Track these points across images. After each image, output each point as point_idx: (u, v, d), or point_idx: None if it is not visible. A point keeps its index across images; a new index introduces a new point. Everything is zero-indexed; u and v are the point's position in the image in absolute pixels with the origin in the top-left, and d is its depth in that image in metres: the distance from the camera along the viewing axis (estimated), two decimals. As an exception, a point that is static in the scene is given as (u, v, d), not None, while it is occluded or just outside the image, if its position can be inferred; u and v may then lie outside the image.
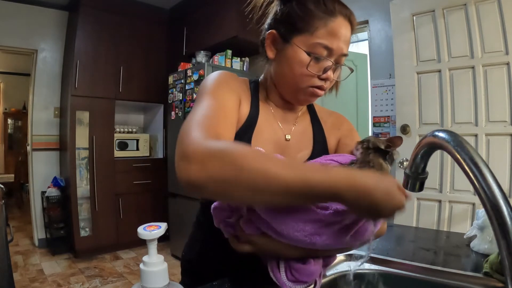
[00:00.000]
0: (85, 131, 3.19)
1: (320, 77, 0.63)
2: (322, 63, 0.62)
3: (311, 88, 0.64)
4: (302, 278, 0.53)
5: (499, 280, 0.60)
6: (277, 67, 0.68)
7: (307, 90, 0.65)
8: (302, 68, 0.62)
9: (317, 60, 0.61)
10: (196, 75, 2.85)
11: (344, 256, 0.75)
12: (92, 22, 3.23)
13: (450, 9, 1.86)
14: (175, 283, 0.48)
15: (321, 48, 0.61)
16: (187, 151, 0.44)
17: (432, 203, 1.94)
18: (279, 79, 0.68)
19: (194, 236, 0.79)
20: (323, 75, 0.63)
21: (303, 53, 0.61)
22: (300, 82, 0.64)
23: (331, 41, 0.61)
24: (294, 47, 0.62)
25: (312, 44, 0.61)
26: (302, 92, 0.65)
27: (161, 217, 3.45)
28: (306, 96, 0.66)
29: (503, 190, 0.39)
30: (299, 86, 0.64)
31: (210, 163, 0.42)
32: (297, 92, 0.66)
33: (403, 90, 2.05)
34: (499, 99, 1.73)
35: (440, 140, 0.48)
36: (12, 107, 6.38)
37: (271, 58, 0.68)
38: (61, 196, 3.23)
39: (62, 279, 2.62)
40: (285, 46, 0.64)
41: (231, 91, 0.64)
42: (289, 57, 0.63)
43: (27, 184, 4.17)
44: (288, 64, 0.64)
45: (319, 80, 0.63)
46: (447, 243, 0.89)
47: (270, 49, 0.67)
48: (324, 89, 0.65)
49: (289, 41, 0.63)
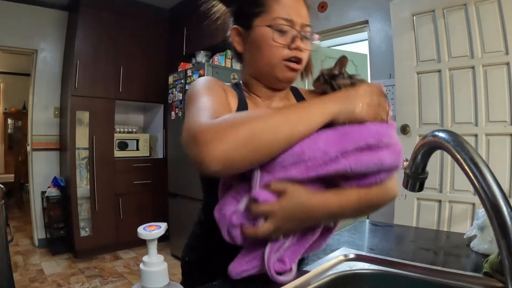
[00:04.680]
0: (85, 131, 3.19)
1: (290, 47, 0.65)
2: (287, 35, 0.65)
3: (285, 61, 0.66)
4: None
5: (499, 280, 0.60)
6: (249, 56, 0.70)
7: (282, 65, 0.66)
8: (269, 42, 0.64)
9: (281, 32, 0.64)
10: (196, 75, 2.85)
11: (344, 256, 0.75)
12: (92, 22, 3.23)
13: (450, 9, 1.86)
14: (175, 283, 0.48)
15: (281, 20, 0.64)
16: (200, 135, 0.47)
17: (432, 203, 1.94)
18: (254, 66, 0.70)
19: (195, 236, 0.79)
20: (293, 45, 0.65)
21: (266, 28, 0.65)
22: (272, 57, 0.65)
23: (288, 13, 0.65)
24: (257, 28, 0.66)
25: (272, 19, 0.64)
26: (278, 69, 0.67)
27: (161, 217, 3.45)
28: (283, 72, 0.67)
29: (503, 190, 0.39)
30: (272, 61, 0.66)
31: (225, 133, 0.46)
32: (273, 70, 0.67)
33: (403, 90, 2.05)
34: (499, 99, 1.73)
35: (440, 140, 0.48)
36: (12, 107, 6.38)
37: (241, 51, 0.71)
38: (61, 196, 3.23)
39: (62, 279, 2.63)
40: (249, 33, 0.67)
41: (220, 90, 0.66)
42: (256, 39, 0.66)
43: (27, 184, 4.17)
44: (256, 45, 0.67)
45: (290, 51, 0.65)
46: (447, 243, 0.89)
47: (238, 43, 0.71)
48: (299, 61, 0.67)
49: (251, 26, 0.67)
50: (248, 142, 0.46)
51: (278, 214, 0.51)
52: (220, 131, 0.46)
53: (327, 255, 0.76)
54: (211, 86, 0.65)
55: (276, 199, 0.52)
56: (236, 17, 0.71)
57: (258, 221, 0.52)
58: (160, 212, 3.53)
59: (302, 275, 0.65)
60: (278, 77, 0.68)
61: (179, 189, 3.06)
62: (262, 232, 0.51)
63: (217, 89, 0.65)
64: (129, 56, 3.47)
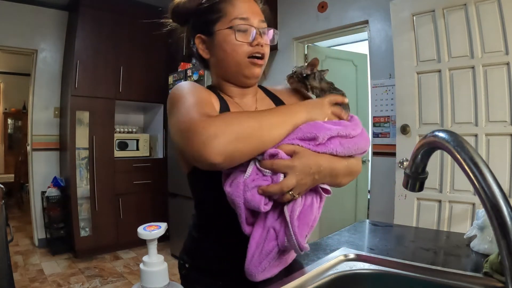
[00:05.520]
0: (85, 131, 3.19)
1: (251, 44, 0.69)
2: (247, 33, 0.70)
3: (249, 58, 0.70)
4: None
5: (499, 280, 0.60)
6: (215, 60, 0.74)
7: (247, 62, 0.70)
8: (232, 41, 0.69)
9: (241, 32, 0.69)
10: (196, 75, 2.85)
11: (344, 256, 0.75)
12: (92, 22, 3.23)
13: (450, 9, 1.86)
14: (175, 283, 0.48)
15: (238, 20, 0.69)
16: (200, 130, 0.51)
17: (432, 203, 1.94)
18: (222, 67, 0.73)
19: (191, 239, 0.78)
20: (254, 42, 0.69)
21: (226, 30, 0.69)
22: (237, 55, 0.70)
23: (243, 12, 0.70)
24: (218, 32, 0.70)
25: (230, 21, 0.69)
26: (244, 66, 0.71)
27: (161, 217, 3.45)
28: (249, 69, 0.71)
29: (503, 190, 0.39)
30: (238, 60, 0.70)
31: (224, 128, 0.51)
32: (239, 68, 0.71)
33: (403, 90, 2.05)
34: (499, 99, 1.73)
35: (440, 140, 0.48)
36: (12, 107, 6.38)
37: (207, 58, 0.75)
38: (61, 196, 3.23)
39: (62, 279, 2.63)
40: (212, 38, 0.72)
41: (204, 91, 0.69)
42: (219, 42, 0.71)
43: (27, 184, 4.18)
44: (221, 48, 0.71)
45: (253, 48, 0.70)
46: (447, 243, 0.89)
47: (203, 51, 0.75)
48: (262, 56, 0.71)
49: (213, 32, 0.71)
50: (246, 137, 0.52)
51: (297, 168, 0.56)
52: (220, 126, 0.51)
53: (327, 255, 0.76)
54: (195, 88, 0.68)
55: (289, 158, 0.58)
56: (197, 27, 0.75)
57: (278, 176, 0.56)
58: (160, 212, 3.53)
59: (302, 275, 0.65)
60: (245, 73, 0.72)
61: (179, 189, 3.06)
62: (287, 185, 0.55)
63: (201, 91, 0.68)
64: (129, 56, 3.46)
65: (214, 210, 0.72)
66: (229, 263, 0.67)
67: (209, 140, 0.50)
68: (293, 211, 0.58)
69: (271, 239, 0.59)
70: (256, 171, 0.58)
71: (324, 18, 2.69)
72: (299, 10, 2.85)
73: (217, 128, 0.51)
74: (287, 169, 0.56)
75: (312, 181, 0.58)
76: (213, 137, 0.50)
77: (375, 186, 2.47)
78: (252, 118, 0.55)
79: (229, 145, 0.51)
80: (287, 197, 0.57)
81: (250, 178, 0.57)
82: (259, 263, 0.60)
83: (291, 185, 0.56)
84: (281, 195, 0.57)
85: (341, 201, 3.09)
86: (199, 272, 0.74)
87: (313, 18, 2.75)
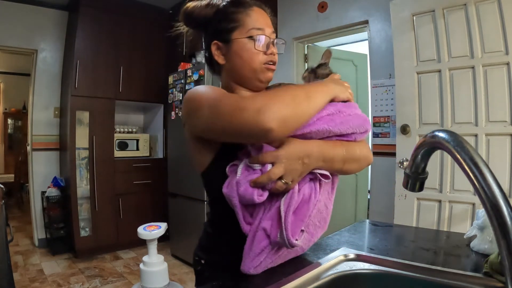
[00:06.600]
0: (85, 131, 3.19)
1: (266, 53, 0.76)
2: (263, 43, 0.75)
3: (264, 65, 0.76)
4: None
5: (499, 280, 0.60)
6: (231, 66, 0.78)
7: (263, 68, 0.76)
8: (250, 50, 0.74)
9: (258, 40, 0.75)
10: (196, 75, 2.85)
11: (344, 256, 0.75)
12: (92, 22, 3.23)
13: (450, 9, 1.86)
14: (175, 283, 0.48)
15: (255, 30, 0.75)
16: (249, 103, 0.57)
17: (432, 203, 1.94)
18: (238, 73, 0.78)
19: (206, 235, 0.80)
20: (269, 51, 0.76)
21: (245, 39, 0.75)
22: (253, 63, 0.75)
23: (259, 23, 0.76)
24: (236, 41, 0.75)
25: (247, 31, 0.75)
26: (259, 71, 0.76)
27: (161, 217, 3.45)
28: (264, 74, 0.77)
29: (503, 190, 0.39)
30: (255, 67, 0.75)
31: (274, 98, 0.57)
32: (256, 74, 0.76)
33: (403, 90, 2.05)
34: (499, 99, 1.73)
35: (440, 140, 0.48)
36: (12, 107, 6.38)
37: (222, 64, 0.79)
38: (61, 196, 3.23)
39: (62, 279, 2.63)
40: (229, 46, 0.76)
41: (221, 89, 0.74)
42: (237, 50, 0.75)
43: (27, 184, 4.18)
44: (238, 56, 0.75)
45: (267, 56, 0.76)
46: (447, 243, 0.89)
47: (219, 56, 0.78)
48: (274, 63, 0.78)
49: (230, 40, 0.76)
50: (296, 102, 0.58)
51: (283, 156, 0.60)
52: (269, 96, 0.59)
53: (327, 255, 0.76)
54: (213, 87, 0.72)
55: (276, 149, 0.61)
56: (213, 33, 0.78)
57: (266, 167, 0.59)
58: (160, 212, 3.53)
59: (302, 275, 0.65)
60: (260, 78, 0.77)
61: (179, 189, 3.06)
62: (274, 174, 0.59)
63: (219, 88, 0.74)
64: (129, 56, 3.46)
65: (227, 207, 0.73)
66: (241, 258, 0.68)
67: (263, 108, 0.55)
68: (289, 206, 0.60)
69: (263, 238, 0.61)
70: (246, 168, 0.61)
71: (324, 18, 2.68)
72: (299, 10, 2.85)
73: (267, 98, 0.57)
74: (273, 159, 0.60)
75: (302, 166, 0.61)
76: (265, 105, 0.55)
77: (375, 186, 2.47)
78: (297, 87, 0.62)
79: (282, 110, 0.55)
80: (279, 185, 0.60)
81: (242, 176, 0.61)
82: (251, 260, 0.62)
83: (278, 172, 0.59)
84: (274, 184, 0.59)
85: (341, 201, 3.09)
86: (214, 268, 0.75)
87: (313, 18, 2.75)
